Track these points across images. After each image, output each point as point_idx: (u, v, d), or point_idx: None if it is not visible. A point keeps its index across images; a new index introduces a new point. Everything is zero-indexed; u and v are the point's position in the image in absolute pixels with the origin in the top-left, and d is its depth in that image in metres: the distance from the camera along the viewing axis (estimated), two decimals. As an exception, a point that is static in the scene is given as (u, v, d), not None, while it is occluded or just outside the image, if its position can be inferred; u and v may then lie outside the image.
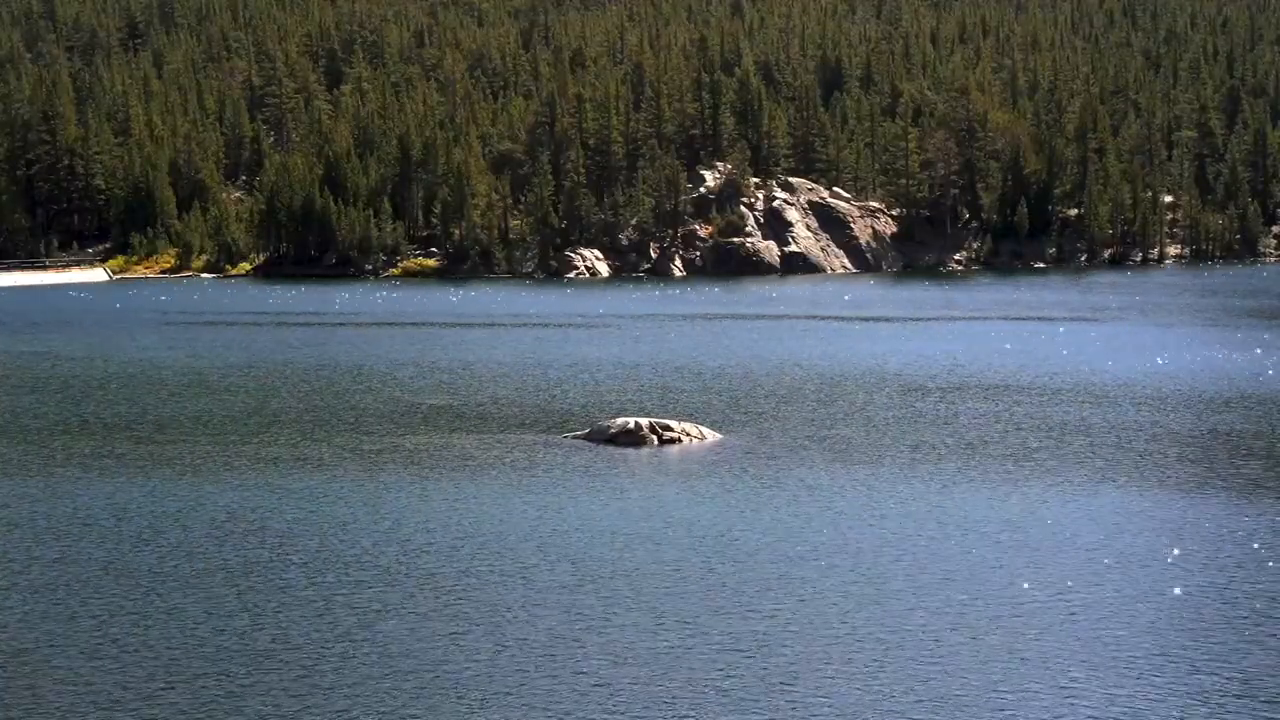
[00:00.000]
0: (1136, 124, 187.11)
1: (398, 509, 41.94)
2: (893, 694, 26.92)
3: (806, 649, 29.34)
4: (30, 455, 51.36)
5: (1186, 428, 54.58)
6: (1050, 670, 28.07)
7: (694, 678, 27.81)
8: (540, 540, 38.07)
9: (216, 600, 33.07)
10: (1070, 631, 30.30)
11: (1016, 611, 31.60)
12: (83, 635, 30.79)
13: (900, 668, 28.23)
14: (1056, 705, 26.37)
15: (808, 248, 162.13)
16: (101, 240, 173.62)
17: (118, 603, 33.10)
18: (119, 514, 41.67)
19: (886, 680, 27.60)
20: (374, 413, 60.02)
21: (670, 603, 32.50)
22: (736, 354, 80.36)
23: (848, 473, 46.64)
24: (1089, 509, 41.22)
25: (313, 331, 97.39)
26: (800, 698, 26.80)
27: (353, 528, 39.66)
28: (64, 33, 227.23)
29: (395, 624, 31.21)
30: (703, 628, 30.73)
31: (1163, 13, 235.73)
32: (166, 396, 65.81)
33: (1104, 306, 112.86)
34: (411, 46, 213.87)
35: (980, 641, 29.67)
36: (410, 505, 42.43)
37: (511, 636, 30.27)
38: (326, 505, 42.51)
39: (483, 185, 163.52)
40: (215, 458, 50.22)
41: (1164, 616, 31.36)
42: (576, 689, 27.34)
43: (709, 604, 32.39)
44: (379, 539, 38.41)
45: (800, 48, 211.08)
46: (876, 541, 37.73)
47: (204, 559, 36.63)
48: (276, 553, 37.17)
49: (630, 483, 45.73)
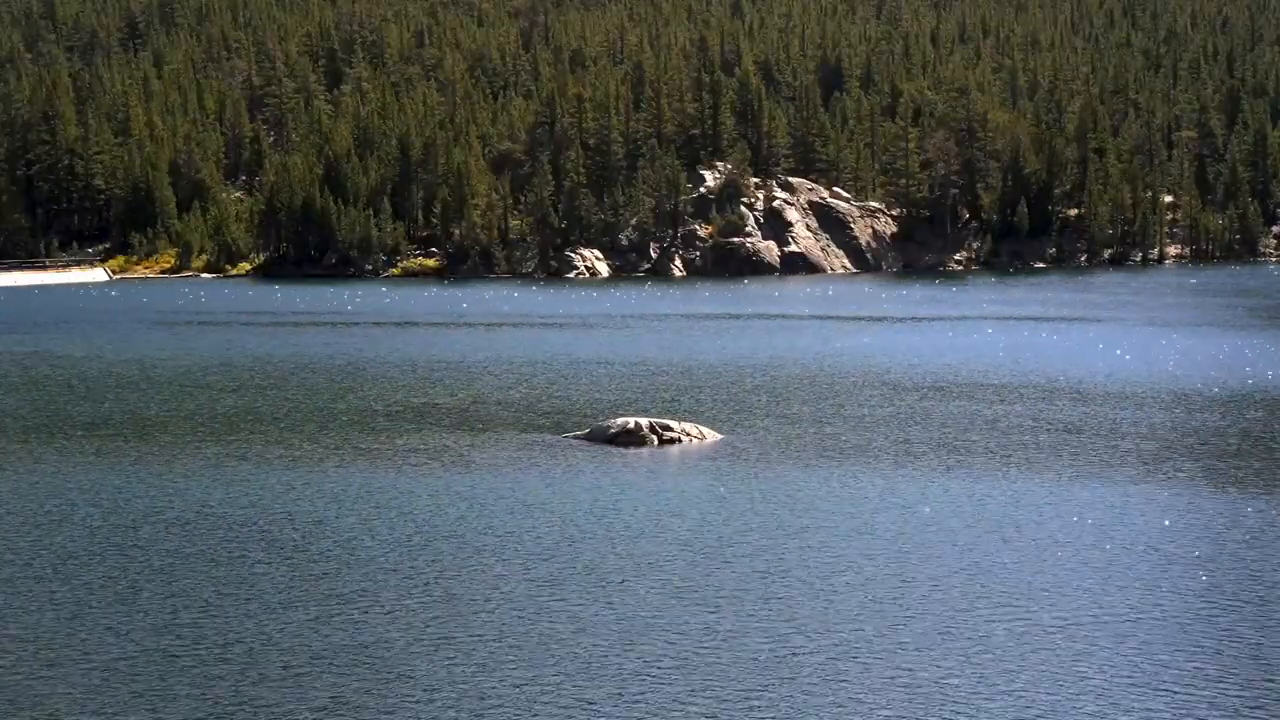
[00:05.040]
0: (1136, 124, 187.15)
1: (396, 508, 41.92)
2: (899, 694, 26.92)
3: (808, 649, 29.33)
4: (29, 454, 51.36)
5: (1186, 427, 54.60)
6: (1048, 666, 28.10)
7: (696, 678, 27.80)
8: (540, 540, 38.06)
9: (209, 597, 33.05)
10: (1080, 625, 30.33)
11: (1029, 609, 31.61)
12: (68, 626, 30.83)
13: (909, 668, 28.21)
14: (1057, 701, 26.38)
15: (808, 248, 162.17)
16: (101, 240, 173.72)
17: (112, 602, 33.11)
18: (110, 510, 41.64)
19: (893, 680, 27.60)
20: (372, 412, 60.01)
21: (671, 603, 32.48)
22: (737, 354, 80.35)
23: (849, 473, 46.62)
24: (1115, 505, 41.21)
25: (312, 331, 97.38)
26: (802, 697, 26.80)
27: (351, 527, 39.64)
28: (64, 33, 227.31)
29: (392, 623, 31.20)
30: (704, 628, 30.72)
31: (1163, 13, 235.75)
32: (164, 395, 65.80)
33: (1104, 306, 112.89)
34: (411, 46, 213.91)
35: (991, 641, 29.70)
36: (409, 504, 42.41)
37: (512, 637, 30.25)
38: (325, 504, 42.49)
39: (483, 185, 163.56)
40: (215, 456, 50.18)
41: (1165, 616, 31.38)
42: (577, 689, 27.34)
43: (709, 604, 32.38)
44: (376, 538, 38.40)
45: (800, 48, 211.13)
46: (878, 541, 37.72)
47: (201, 557, 36.61)
48: (274, 552, 37.14)
49: (630, 483, 45.72)
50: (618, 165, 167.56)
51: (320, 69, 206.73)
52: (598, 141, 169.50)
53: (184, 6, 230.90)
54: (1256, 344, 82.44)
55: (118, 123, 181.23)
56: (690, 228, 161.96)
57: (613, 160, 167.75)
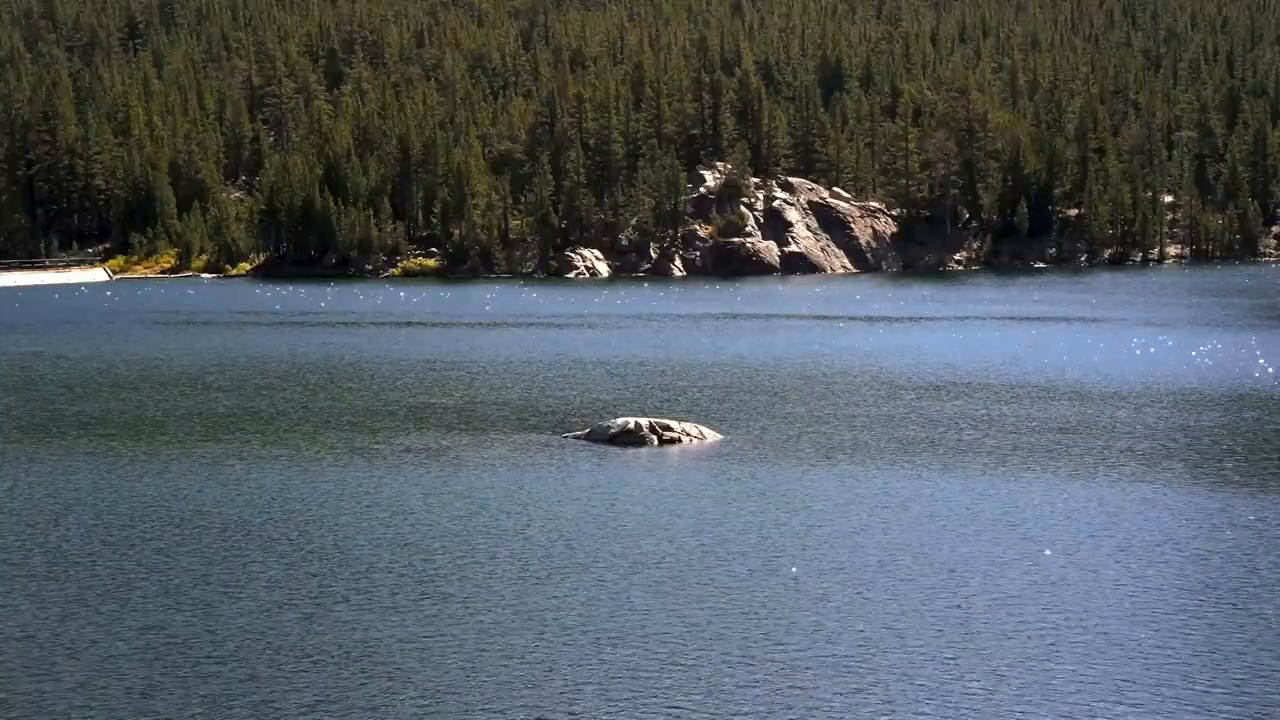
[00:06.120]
0: (1136, 124, 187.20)
1: (394, 508, 41.89)
2: (898, 693, 26.91)
3: (810, 649, 29.32)
4: (28, 454, 51.36)
5: (1185, 427, 54.60)
6: (1048, 663, 28.10)
7: (696, 678, 27.77)
8: (539, 540, 38.04)
9: (202, 595, 33.03)
10: (1071, 622, 30.33)
11: (1029, 608, 31.60)
12: (63, 625, 30.82)
13: (908, 668, 28.20)
14: (1056, 701, 26.38)
15: (808, 248, 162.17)
16: (101, 240, 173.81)
17: (105, 600, 33.10)
18: (105, 509, 41.61)
19: (893, 680, 27.59)
20: (372, 411, 59.98)
21: (670, 602, 32.46)
22: (736, 354, 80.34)
23: (849, 472, 46.60)
24: (1114, 503, 41.20)
25: (312, 331, 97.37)
26: (802, 697, 26.78)
27: (348, 526, 39.62)
28: (64, 33, 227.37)
29: (388, 622, 31.17)
30: (704, 628, 30.69)
31: (1163, 13, 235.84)
32: (163, 395, 65.77)
33: (1104, 306, 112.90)
34: (411, 46, 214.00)
35: (990, 641, 29.70)
36: (407, 504, 42.38)
37: (510, 636, 30.23)
38: (321, 504, 42.46)
39: (483, 185, 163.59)
40: (212, 456, 50.15)
41: (1165, 613, 31.37)
42: (577, 689, 27.32)
43: (709, 603, 32.36)
44: (374, 537, 38.37)
45: (800, 48, 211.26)
46: (878, 540, 37.70)
47: (196, 556, 36.59)
48: (270, 551, 37.12)
49: (630, 483, 45.70)
50: (618, 165, 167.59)
51: (320, 69, 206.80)
52: (598, 141, 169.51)
53: (184, 6, 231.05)
54: (1255, 344, 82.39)
55: (118, 123, 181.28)
56: (690, 228, 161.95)
57: (613, 160, 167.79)
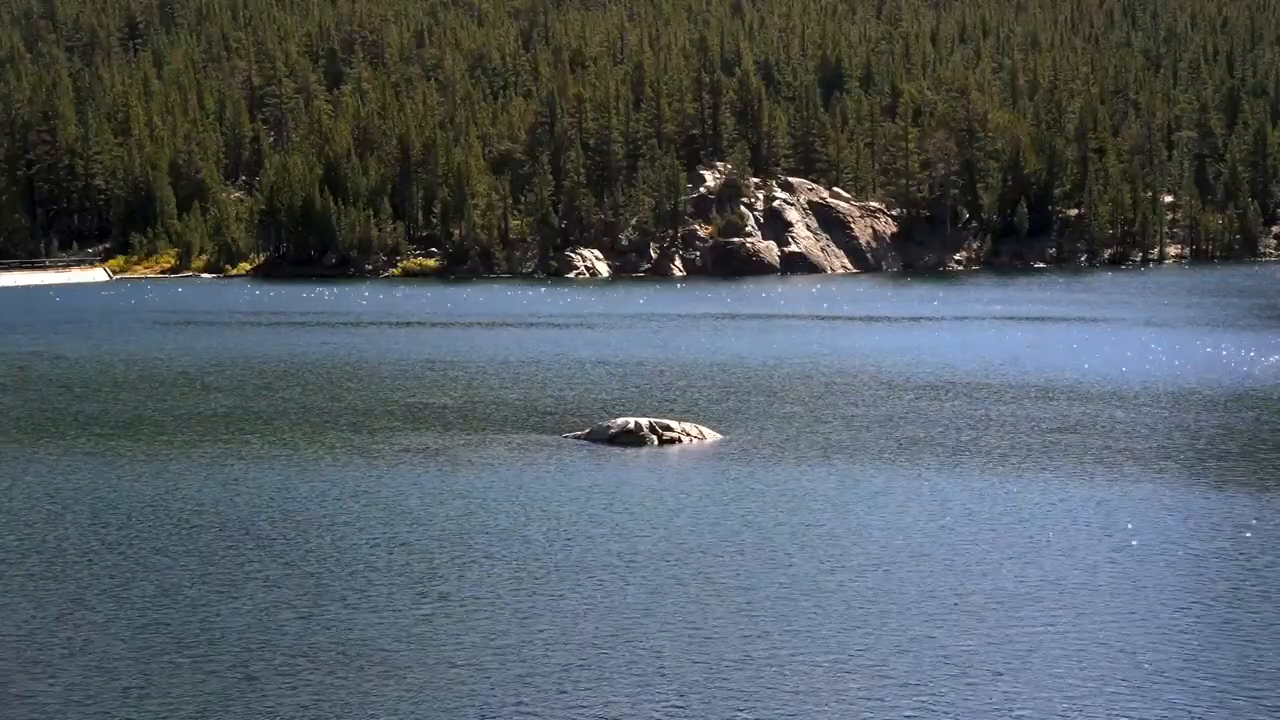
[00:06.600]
0: (1136, 124, 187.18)
1: (393, 507, 41.89)
2: (897, 692, 26.91)
3: (810, 649, 29.32)
4: (27, 453, 51.36)
5: (1184, 427, 54.61)
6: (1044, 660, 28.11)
7: (695, 678, 27.78)
8: (538, 539, 38.04)
9: (201, 594, 33.04)
10: (1067, 618, 30.35)
11: (1027, 607, 31.61)
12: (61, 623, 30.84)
13: (907, 667, 28.19)
14: (1054, 701, 26.38)
15: (808, 248, 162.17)
16: (101, 240, 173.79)
17: (103, 599, 33.11)
18: (104, 508, 41.60)
19: (892, 679, 27.59)
20: (372, 411, 59.99)
21: (669, 602, 32.47)
22: (736, 354, 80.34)
23: (848, 472, 46.60)
24: (1112, 503, 41.20)
25: (312, 331, 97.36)
26: (801, 696, 26.79)
27: (347, 526, 39.62)
28: (64, 33, 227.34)
29: (387, 622, 31.18)
30: (703, 627, 30.70)
31: (1163, 13, 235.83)
32: (162, 395, 65.78)
33: (1104, 306, 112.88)
34: (411, 46, 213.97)
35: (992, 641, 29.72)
36: (406, 504, 42.38)
37: (508, 636, 30.23)
38: (321, 504, 42.46)
39: (483, 185, 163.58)
40: (211, 455, 50.15)
41: (1163, 613, 31.37)
42: (577, 688, 27.33)
43: (708, 603, 32.36)
44: (373, 537, 38.37)
45: (800, 48, 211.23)
46: (877, 540, 37.71)
47: (194, 555, 36.60)
48: (268, 550, 37.12)
49: (630, 482, 45.70)
50: (618, 165, 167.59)
51: (320, 69, 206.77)
52: (598, 141, 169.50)
53: (184, 6, 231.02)
54: (1255, 344, 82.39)
55: (118, 123, 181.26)
56: (690, 228, 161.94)
57: (613, 160, 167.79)
